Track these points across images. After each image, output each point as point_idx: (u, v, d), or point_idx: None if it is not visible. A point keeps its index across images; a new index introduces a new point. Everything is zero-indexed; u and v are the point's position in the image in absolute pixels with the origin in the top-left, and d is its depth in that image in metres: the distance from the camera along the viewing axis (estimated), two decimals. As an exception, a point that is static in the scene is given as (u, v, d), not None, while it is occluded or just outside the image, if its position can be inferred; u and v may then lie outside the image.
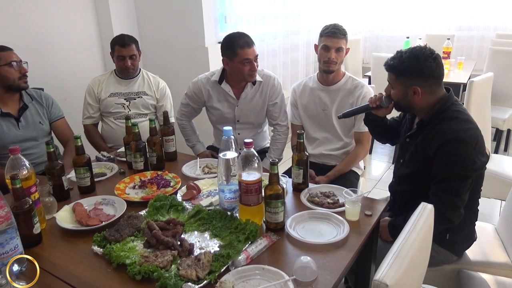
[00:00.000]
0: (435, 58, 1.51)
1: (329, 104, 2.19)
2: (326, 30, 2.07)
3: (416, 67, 1.51)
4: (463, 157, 1.45)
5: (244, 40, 2.07)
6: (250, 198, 1.36)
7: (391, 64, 1.57)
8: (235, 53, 2.06)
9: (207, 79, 2.29)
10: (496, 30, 5.08)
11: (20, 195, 1.28)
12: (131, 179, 1.81)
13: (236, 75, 2.16)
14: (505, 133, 3.91)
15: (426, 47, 1.54)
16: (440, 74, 1.54)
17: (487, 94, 2.70)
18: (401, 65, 1.53)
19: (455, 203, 1.49)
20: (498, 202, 2.97)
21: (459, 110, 1.54)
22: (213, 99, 2.29)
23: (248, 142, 1.34)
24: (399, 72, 1.56)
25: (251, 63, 2.08)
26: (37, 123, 2.21)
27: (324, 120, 2.23)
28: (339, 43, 2.05)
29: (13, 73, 2.08)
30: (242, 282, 1.14)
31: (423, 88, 1.53)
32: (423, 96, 1.54)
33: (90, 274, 1.21)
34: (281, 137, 2.35)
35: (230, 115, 2.32)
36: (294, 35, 4.14)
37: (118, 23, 3.16)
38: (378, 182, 3.49)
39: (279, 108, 2.32)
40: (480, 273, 1.61)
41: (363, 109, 1.83)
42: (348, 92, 2.16)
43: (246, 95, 2.26)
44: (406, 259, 0.97)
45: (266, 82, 2.26)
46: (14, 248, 1.18)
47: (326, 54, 2.07)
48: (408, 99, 1.57)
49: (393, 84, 1.61)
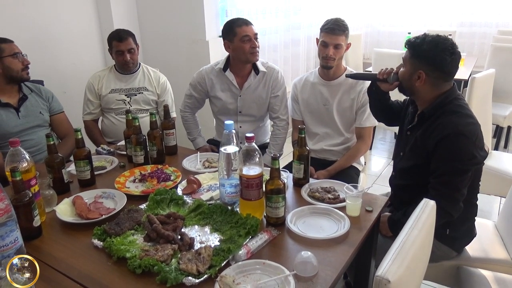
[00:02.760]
0: (452, 54, 1.49)
1: (330, 99, 2.18)
2: (326, 26, 2.05)
3: (430, 53, 1.50)
4: (463, 151, 1.45)
5: (242, 20, 2.15)
6: (251, 192, 1.35)
7: (412, 41, 1.56)
8: (234, 33, 2.12)
9: (211, 68, 2.33)
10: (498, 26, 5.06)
11: (20, 188, 1.27)
12: (131, 173, 1.80)
13: (239, 57, 2.19)
14: (506, 130, 3.91)
15: (451, 40, 1.52)
16: (451, 71, 1.52)
17: (488, 91, 2.69)
18: (420, 46, 1.52)
19: (454, 197, 1.49)
20: (498, 199, 2.98)
21: (461, 105, 1.53)
22: (216, 88, 2.31)
23: (249, 136, 1.33)
24: (415, 52, 1.55)
25: (251, 41, 2.13)
26: (38, 113, 2.21)
27: (325, 115, 2.22)
28: (337, 39, 2.03)
29: (17, 64, 2.09)
30: (243, 276, 1.14)
31: (427, 76, 1.52)
32: (424, 84, 1.54)
33: (90, 267, 1.21)
34: (281, 132, 2.36)
35: (233, 105, 2.33)
36: (296, 30, 4.12)
37: (118, 16, 3.14)
38: (378, 178, 3.49)
39: (280, 101, 2.32)
40: (479, 270, 1.61)
41: (370, 77, 1.84)
42: (349, 87, 2.15)
43: (249, 84, 2.27)
44: (408, 255, 0.96)
45: (269, 74, 2.28)
46: (14, 240, 1.17)
47: (324, 50, 2.07)
48: (412, 82, 1.57)
49: (405, 62, 1.60)
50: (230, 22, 2.17)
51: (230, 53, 2.23)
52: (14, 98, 2.16)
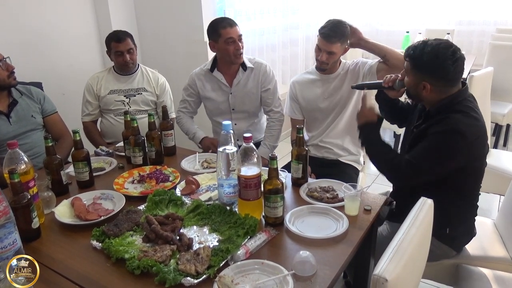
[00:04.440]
0: (455, 61, 1.45)
1: (331, 90, 2.18)
2: (323, 30, 2.04)
3: (432, 65, 1.47)
4: (451, 148, 1.44)
5: (226, 21, 2.15)
6: (249, 192, 1.35)
7: (411, 54, 1.53)
8: (218, 34, 2.13)
9: (200, 70, 2.34)
10: (496, 25, 5.05)
11: (18, 190, 1.27)
12: (130, 174, 1.80)
13: (223, 58, 2.21)
14: (504, 128, 3.91)
15: (452, 46, 1.47)
16: (456, 77, 1.50)
17: (487, 89, 2.70)
18: (419, 58, 1.49)
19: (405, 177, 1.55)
20: (497, 197, 2.97)
21: (469, 106, 1.51)
22: (207, 89, 2.32)
23: (247, 136, 1.34)
24: (415, 64, 1.52)
25: (235, 43, 2.14)
26: (29, 117, 2.15)
27: (326, 112, 2.22)
28: (331, 47, 2.03)
29: (2, 73, 2.01)
30: (241, 276, 1.14)
31: (432, 86, 1.50)
32: (431, 93, 1.52)
33: (89, 268, 1.21)
34: (276, 124, 2.36)
35: (225, 104, 2.34)
36: (294, 30, 4.12)
37: (116, 17, 3.14)
38: (378, 177, 3.49)
39: (272, 94, 2.33)
40: (479, 268, 1.61)
41: (376, 85, 1.82)
42: (347, 71, 2.15)
43: (238, 81, 2.28)
44: (406, 254, 0.97)
45: (257, 69, 2.30)
46: (13, 242, 1.17)
47: (318, 54, 2.09)
48: (418, 91, 1.56)
49: (407, 72, 1.58)
50: (214, 23, 2.17)
51: (216, 53, 2.24)
52: (4, 104, 2.10)
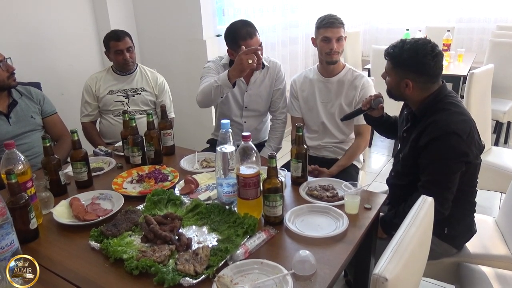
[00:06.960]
0: (435, 56, 1.48)
1: (329, 96, 2.18)
2: (323, 22, 2.04)
3: (413, 62, 1.50)
4: (455, 149, 1.44)
5: (246, 31, 2.06)
6: (248, 192, 1.35)
7: (391, 53, 1.56)
8: (238, 45, 2.04)
9: (217, 60, 2.27)
10: (496, 22, 5.04)
11: (15, 190, 1.26)
12: (129, 174, 1.79)
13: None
14: (505, 126, 3.90)
15: (430, 42, 1.51)
16: (437, 73, 1.53)
17: (488, 86, 2.68)
18: (399, 56, 1.52)
19: (444, 196, 1.49)
20: (498, 194, 2.97)
21: (452, 102, 1.53)
22: None
23: (246, 135, 1.33)
24: (396, 63, 1.55)
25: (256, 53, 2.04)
26: (29, 117, 2.16)
27: (324, 112, 2.21)
28: (338, 32, 2.04)
29: (2, 74, 2.01)
30: (241, 276, 1.13)
31: (415, 83, 1.53)
32: (413, 90, 1.54)
33: (87, 269, 1.20)
34: (280, 126, 2.37)
35: (239, 101, 2.31)
36: (293, 28, 4.11)
37: (115, 17, 3.13)
38: (378, 175, 3.48)
39: (281, 94, 2.34)
40: (480, 266, 1.61)
41: (358, 111, 1.89)
42: (348, 83, 2.14)
43: (255, 79, 2.27)
44: (406, 252, 0.96)
45: (272, 68, 2.30)
46: (10, 243, 1.17)
47: (328, 46, 2.05)
48: (400, 90, 1.58)
49: (389, 72, 1.61)
50: (233, 32, 2.08)
51: None
52: (3, 104, 2.10)
